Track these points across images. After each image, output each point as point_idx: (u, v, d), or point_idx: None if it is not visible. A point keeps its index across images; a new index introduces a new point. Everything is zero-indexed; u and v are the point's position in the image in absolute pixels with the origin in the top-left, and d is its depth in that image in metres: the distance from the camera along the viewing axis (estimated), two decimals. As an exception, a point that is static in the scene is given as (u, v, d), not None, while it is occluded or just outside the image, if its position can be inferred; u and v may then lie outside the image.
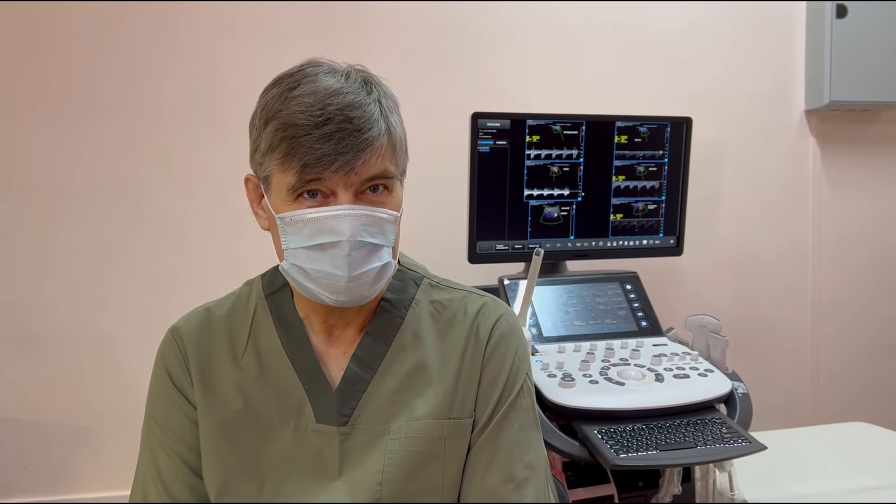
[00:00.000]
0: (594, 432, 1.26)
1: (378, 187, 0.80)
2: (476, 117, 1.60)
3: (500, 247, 1.67)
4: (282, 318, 0.89)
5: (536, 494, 0.84)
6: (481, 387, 0.87)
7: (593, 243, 1.74)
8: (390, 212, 0.81)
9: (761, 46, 2.19)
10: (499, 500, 0.82)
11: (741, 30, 2.17)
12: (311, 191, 0.78)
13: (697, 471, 1.52)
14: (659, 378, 1.39)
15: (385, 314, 0.89)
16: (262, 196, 0.84)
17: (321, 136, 0.75)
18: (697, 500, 1.50)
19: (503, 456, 0.84)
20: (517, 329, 0.92)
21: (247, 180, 0.86)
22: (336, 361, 0.87)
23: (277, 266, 0.93)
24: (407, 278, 0.93)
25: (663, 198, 1.77)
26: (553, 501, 0.87)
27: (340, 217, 0.77)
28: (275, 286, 0.91)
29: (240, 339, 0.88)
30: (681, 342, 1.61)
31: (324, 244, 0.78)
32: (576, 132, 1.67)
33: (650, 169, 1.75)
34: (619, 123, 1.70)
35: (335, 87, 0.78)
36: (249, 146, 0.83)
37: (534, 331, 1.57)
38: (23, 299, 1.85)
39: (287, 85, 0.79)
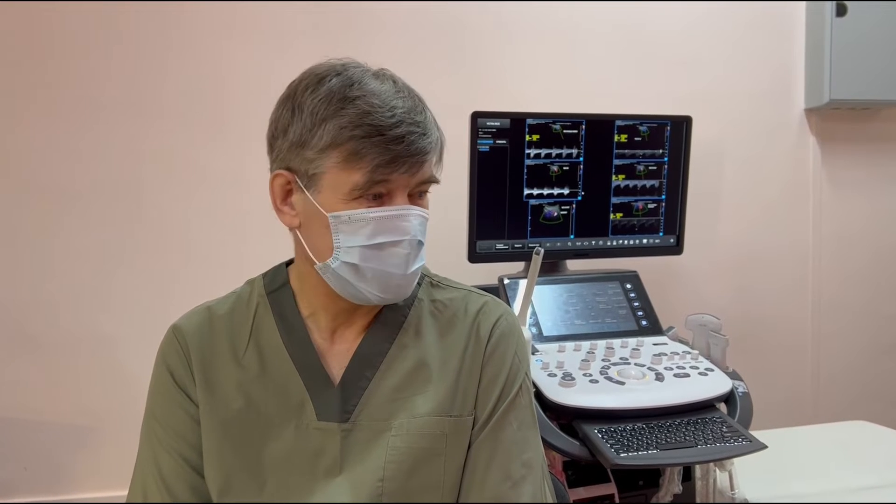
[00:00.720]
0: (594, 431, 1.26)
1: (424, 191, 0.84)
2: (476, 116, 1.60)
3: (499, 246, 1.67)
4: (283, 316, 0.89)
5: (533, 493, 0.84)
6: (481, 385, 0.87)
7: (593, 242, 1.74)
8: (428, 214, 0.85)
9: (761, 45, 2.19)
10: (496, 498, 0.83)
11: (741, 29, 2.17)
12: (376, 193, 0.79)
13: (698, 470, 1.52)
14: (659, 377, 1.39)
15: (388, 312, 0.90)
16: (290, 193, 0.83)
17: (394, 138, 0.76)
18: (698, 500, 1.50)
19: (502, 454, 0.85)
20: (517, 329, 0.92)
21: (276, 176, 0.83)
22: (338, 359, 0.87)
23: (278, 266, 0.93)
24: None
25: (663, 197, 1.77)
26: (549, 499, 0.87)
27: (405, 216, 0.80)
28: (276, 285, 0.91)
29: (241, 338, 0.88)
30: (681, 341, 1.61)
31: (383, 243, 0.80)
32: (575, 131, 1.67)
33: (650, 168, 1.75)
34: (618, 122, 1.70)
35: (392, 91, 0.80)
36: (281, 143, 0.81)
37: (534, 330, 1.57)
38: (23, 299, 1.85)
39: (339, 83, 0.79)
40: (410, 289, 0.85)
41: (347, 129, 0.77)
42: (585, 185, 1.70)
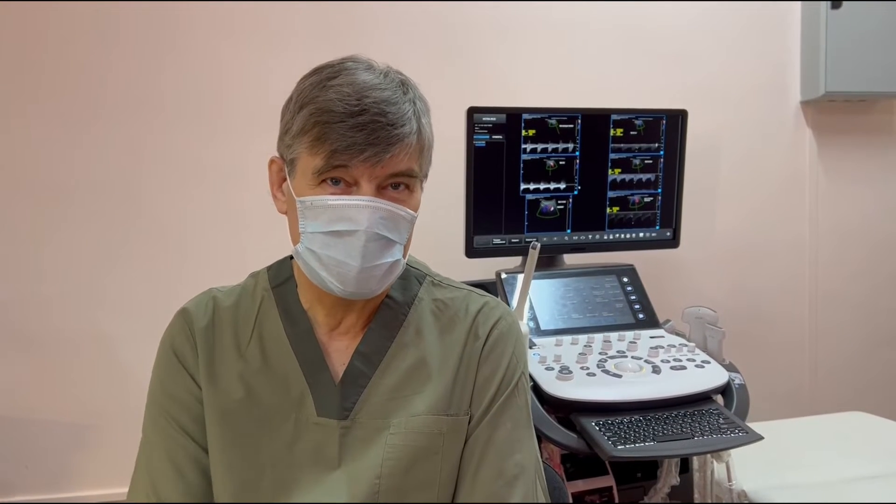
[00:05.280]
0: (592, 424, 1.26)
1: (400, 185, 0.82)
2: (472, 112, 1.60)
3: (497, 241, 1.67)
4: (287, 310, 0.89)
5: (524, 494, 0.84)
6: (477, 383, 0.88)
7: (590, 236, 1.75)
8: (409, 211, 0.83)
9: (756, 39, 2.19)
10: (487, 497, 0.83)
11: (736, 23, 2.17)
12: (334, 178, 0.79)
13: (695, 461, 1.53)
14: (656, 370, 1.40)
15: (388, 310, 0.90)
16: (285, 179, 0.85)
17: (354, 125, 0.77)
18: (696, 491, 1.51)
19: (494, 454, 0.85)
20: (516, 329, 0.93)
21: (271, 162, 0.88)
22: (339, 355, 0.88)
23: (283, 259, 0.94)
24: (410, 276, 0.94)
25: (659, 190, 1.78)
26: (542, 501, 0.87)
27: (361, 207, 0.79)
28: (280, 278, 0.92)
29: (245, 330, 0.89)
30: (678, 334, 1.62)
31: (340, 231, 0.80)
32: (571, 126, 1.68)
33: (646, 162, 1.75)
34: (614, 116, 1.71)
35: (374, 82, 0.80)
36: (279, 130, 0.85)
37: (531, 324, 1.57)
38: (20, 298, 1.85)
39: (326, 74, 0.81)
40: (377, 285, 0.83)
41: (315, 115, 0.78)
42: (582, 180, 1.71)
